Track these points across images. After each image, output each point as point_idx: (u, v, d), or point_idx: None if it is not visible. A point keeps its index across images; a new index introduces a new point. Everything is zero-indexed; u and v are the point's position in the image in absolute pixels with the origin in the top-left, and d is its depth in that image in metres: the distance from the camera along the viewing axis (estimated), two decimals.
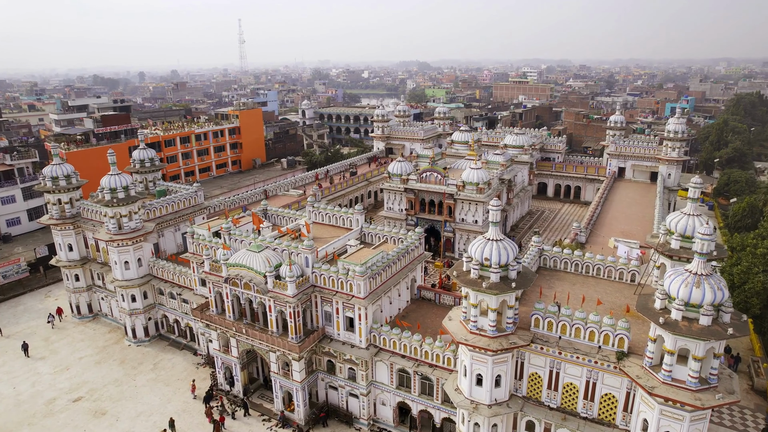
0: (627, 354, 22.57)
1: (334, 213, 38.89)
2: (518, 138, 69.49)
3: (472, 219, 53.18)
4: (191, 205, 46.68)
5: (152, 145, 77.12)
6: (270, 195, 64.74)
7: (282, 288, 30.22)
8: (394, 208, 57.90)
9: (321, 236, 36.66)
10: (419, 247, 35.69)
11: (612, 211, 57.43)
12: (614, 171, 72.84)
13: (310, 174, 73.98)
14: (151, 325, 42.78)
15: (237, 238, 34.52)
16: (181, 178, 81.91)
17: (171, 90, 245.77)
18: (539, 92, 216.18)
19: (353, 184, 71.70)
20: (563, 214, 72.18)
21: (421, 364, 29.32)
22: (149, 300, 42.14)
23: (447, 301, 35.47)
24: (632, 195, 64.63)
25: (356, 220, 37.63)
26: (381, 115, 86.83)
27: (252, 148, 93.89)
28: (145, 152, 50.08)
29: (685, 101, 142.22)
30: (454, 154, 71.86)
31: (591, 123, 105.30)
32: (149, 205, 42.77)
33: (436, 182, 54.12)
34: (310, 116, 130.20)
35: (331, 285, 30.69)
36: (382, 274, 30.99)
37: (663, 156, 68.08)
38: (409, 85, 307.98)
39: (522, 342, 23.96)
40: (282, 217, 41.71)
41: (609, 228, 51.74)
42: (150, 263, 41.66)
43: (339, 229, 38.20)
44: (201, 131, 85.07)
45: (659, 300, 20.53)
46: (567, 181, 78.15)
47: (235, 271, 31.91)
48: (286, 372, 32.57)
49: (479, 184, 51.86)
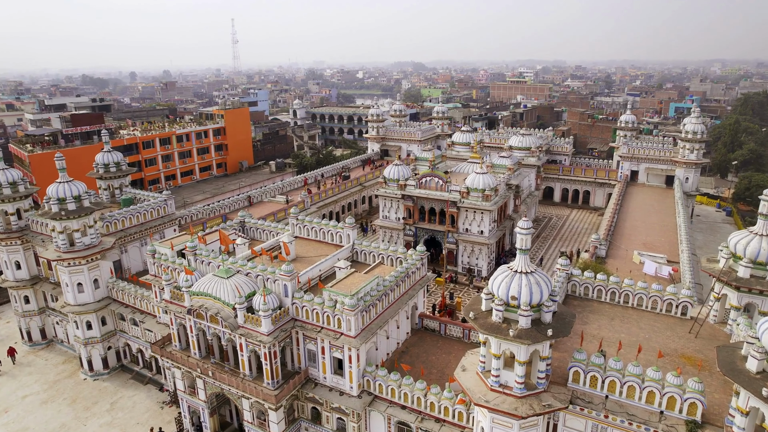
0: (701, 425, 17.18)
1: (321, 227, 33.32)
2: (525, 139, 64.17)
3: (477, 229, 47.78)
4: (160, 215, 40.96)
5: (129, 147, 71.43)
6: (254, 202, 59.13)
7: (255, 323, 24.66)
8: (390, 216, 52.41)
9: (305, 255, 31.10)
10: (422, 267, 30.23)
11: (630, 219, 52.20)
12: (626, 174, 67.71)
13: (299, 178, 68.42)
14: (112, 355, 37.02)
15: (204, 260, 28.90)
16: (161, 182, 76.08)
17: (160, 90, 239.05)
18: (537, 92, 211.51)
19: (346, 189, 66.20)
20: (573, 221, 66.98)
21: (425, 418, 23.81)
22: (108, 327, 36.39)
23: (454, 333, 30.01)
24: (649, 201, 59.47)
25: (347, 235, 32.10)
26: (376, 114, 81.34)
27: (238, 149, 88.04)
28: (111, 155, 44.28)
29: (689, 101, 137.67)
30: (455, 156, 66.45)
31: (596, 123, 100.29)
32: (109, 217, 37.02)
33: (437, 188, 48.71)
34: (301, 116, 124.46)
35: (315, 319, 25.16)
36: (377, 305, 25.49)
37: (680, 158, 63.00)
38: (405, 85, 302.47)
39: (559, 404, 18.53)
40: (262, 231, 36.10)
41: (629, 239, 46.49)
42: (109, 285, 35.90)
43: (326, 246, 32.65)
44: (183, 132, 79.17)
45: (756, 360, 15.13)
46: (575, 185, 73.00)
47: (200, 300, 26.31)
48: (262, 422, 26.98)
49: (485, 191, 46.47)
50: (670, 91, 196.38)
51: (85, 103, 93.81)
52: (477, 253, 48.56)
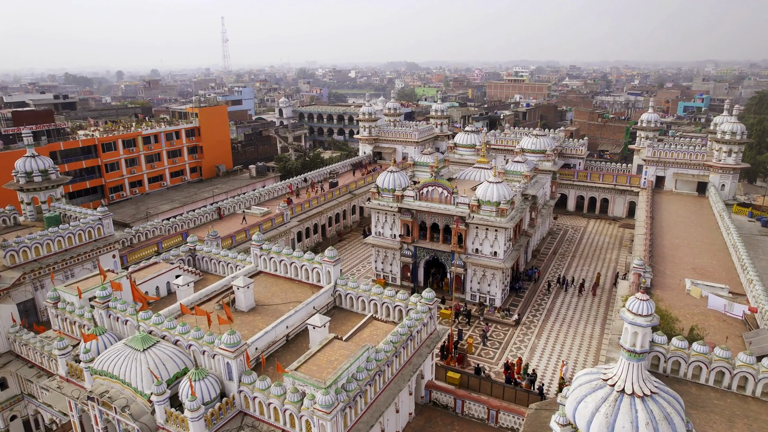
0: None
1: (292, 260, 24.78)
2: (539, 141, 55.94)
3: (490, 250, 39.44)
4: (92, 239, 32.19)
5: (86, 150, 62.50)
6: (225, 214, 50.40)
7: (180, 425, 16.12)
8: (385, 233, 43.94)
9: (268, 303, 22.58)
10: (430, 321, 21.80)
11: (667, 236, 44.06)
12: (651, 181, 59.73)
13: (281, 185, 59.67)
14: (16, 427, 28.22)
15: (119, 316, 20.27)
16: (125, 189, 67.06)
17: (143, 88, 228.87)
18: (536, 91, 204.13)
19: (333, 198, 57.62)
20: (591, 234, 58.86)
21: None
22: (12, 390, 27.62)
23: (475, 412, 21.60)
24: (682, 212, 51.47)
25: (326, 272, 23.60)
26: (368, 113, 72.83)
27: (215, 152, 79.09)
28: (36, 161, 35.47)
29: (699, 99, 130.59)
30: (458, 160, 58.22)
31: (607, 123, 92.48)
32: (15, 243, 28.22)
33: (442, 200, 40.34)
34: (288, 116, 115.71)
35: (273, 417, 16.66)
36: (367, 393, 17.05)
37: (715, 163, 55.14)
38: (398, 85, 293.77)
39: None
40: (218, 263, 27.53)
41: (673, 262, 38.37)
42: (10, 336, 27.10)
43: (298, 288, 24.15)
44: (150, 132, 70.14)
45: None
46: (591, 192, 64.99)
47: (103, 383, 17.72)
48: None
49: (500, 204, 38.15)
50: (672, 91, 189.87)
51: (46, 100, 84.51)
52: (489, 278, 40.24)
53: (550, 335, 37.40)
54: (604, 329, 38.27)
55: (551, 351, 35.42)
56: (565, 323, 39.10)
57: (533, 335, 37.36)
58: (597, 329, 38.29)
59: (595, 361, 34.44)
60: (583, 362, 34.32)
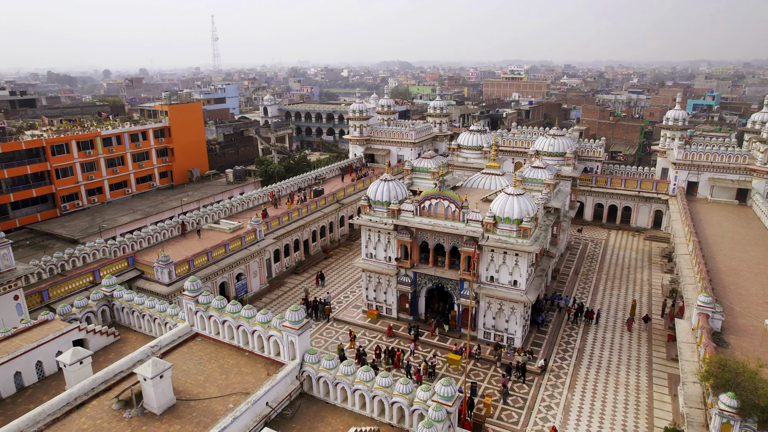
0: None
1: (240, 322, 16.75)
2: (556, 142, 48.23)
3: (509, 278, 31.60)
4: None
5: (32, 153, 54.12)
6: (189, 230, 42.31)
7: None
8: (378, 255, 35.95)
9: (196, 394, 14.62)
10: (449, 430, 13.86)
11: (719, 256, 36.36)
12: (682, 187, 52.29)
13: (258, 192, 51.56)
14: None
15: None
16: (81, 198, 58.54)
17: (125, 87, 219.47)
18: (534, 89, 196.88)
19: (317, 209, 49.59)
20: (614, 248, 51.28)
21: None
22: None
23: None
24: (727, 225, 43.92)
25: (289, 343, 15.62)
26: (358, 110, 64.91)
27: (188, 154, 70.75)
28: None
29: (710, 97, 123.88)
30: (463, 164, 50.39)
31: (619, 122, 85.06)
32: None
33: (448, 216, 32.46)
34: (273, 114, 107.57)
35: None
36: None
37: (761, 166, 47.72)
38: (391, 84, 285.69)
39: None
40: (142, 317, 19.47)
41: (738, 293, 30.76)
42: None
43: (249, 363, 16.21)
44: (111, 133, 61.70)
45: None
46: (612, 200, 57.47)
47: None
48: None
49: (523, 222, 30.33)
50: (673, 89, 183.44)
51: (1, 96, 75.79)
52: (507, 313, 32.41)
53: (586, 387, 29.69)
54: (652, 377, 30.64)
55: (590, 411, 27.68)
56: (602, 369, 31.42)
57: (564, 388, 29.62)
58: (644, 378, 30.61)
59: (649, 425, 26.73)
60: (634, 427, 26.61)
